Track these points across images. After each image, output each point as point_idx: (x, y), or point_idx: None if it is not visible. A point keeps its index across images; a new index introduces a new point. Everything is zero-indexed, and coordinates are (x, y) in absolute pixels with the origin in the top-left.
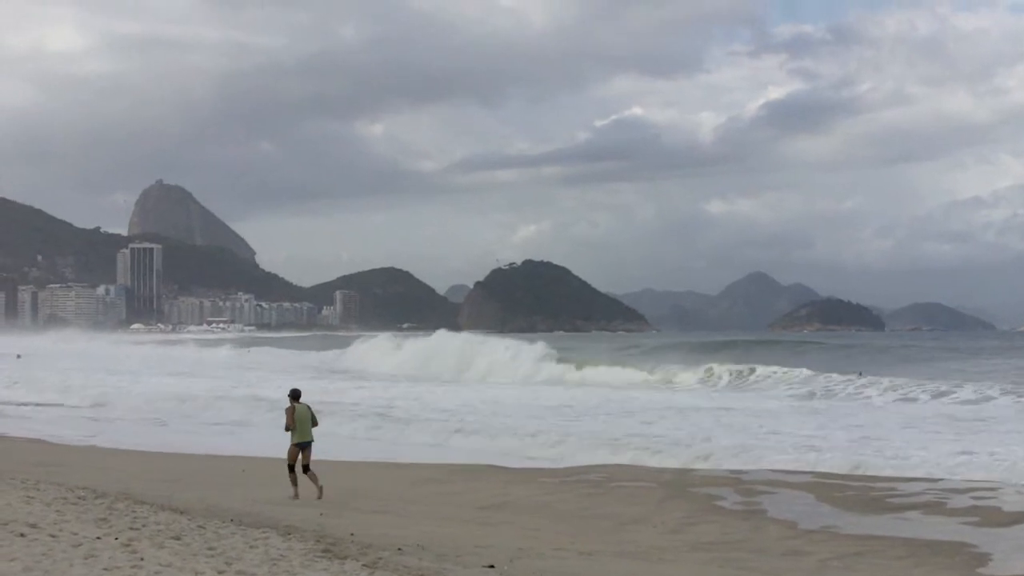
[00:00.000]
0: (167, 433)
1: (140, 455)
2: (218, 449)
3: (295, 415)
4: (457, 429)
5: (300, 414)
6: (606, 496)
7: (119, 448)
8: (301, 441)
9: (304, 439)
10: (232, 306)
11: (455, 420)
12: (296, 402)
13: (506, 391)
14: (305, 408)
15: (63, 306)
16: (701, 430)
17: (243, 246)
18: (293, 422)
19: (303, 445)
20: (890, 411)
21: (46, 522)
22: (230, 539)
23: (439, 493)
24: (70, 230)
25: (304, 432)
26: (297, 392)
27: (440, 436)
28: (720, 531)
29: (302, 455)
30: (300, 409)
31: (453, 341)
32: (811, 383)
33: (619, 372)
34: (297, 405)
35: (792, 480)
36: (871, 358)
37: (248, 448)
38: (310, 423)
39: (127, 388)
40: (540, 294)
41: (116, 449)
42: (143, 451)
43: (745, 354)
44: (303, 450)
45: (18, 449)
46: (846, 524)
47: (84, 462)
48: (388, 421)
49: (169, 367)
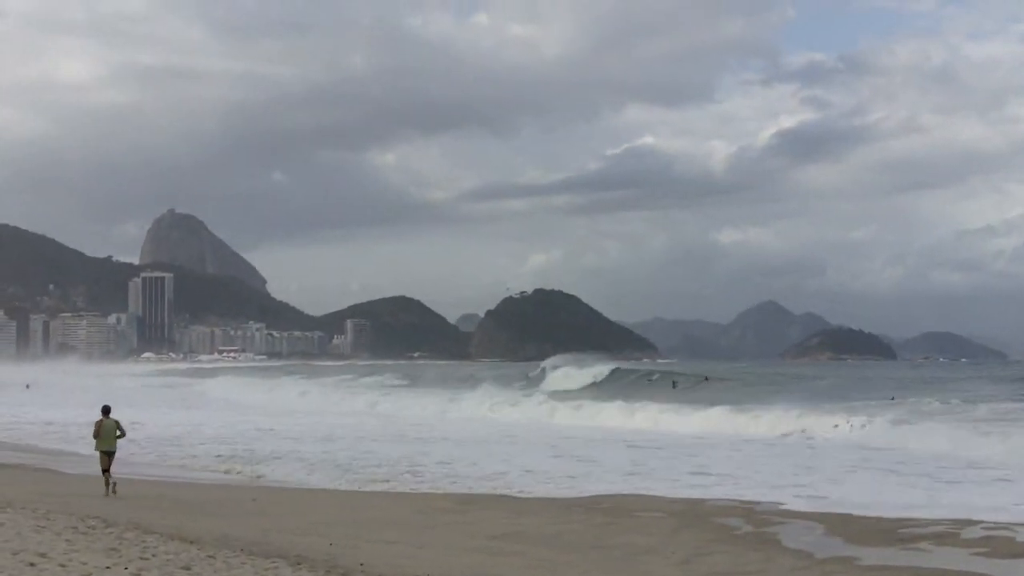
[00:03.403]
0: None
1: (151, 484)
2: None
3: (102, 427)
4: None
5: (106, 427)
6: (617, 526)
7: (130, 477)
8: (106, 449)
9: (108, 447)
10: (243, 335)
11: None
12: (105, 417)
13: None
14: (112, 422)
15: (74, 335)
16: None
17: (254, 275)
18: (99, 432)
19: (107, 452)
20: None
21: (56, 552)
22: (240, 569)
23: (450, 522)
24: (82, 259)
25: (109, 442)
26: (107, 408)
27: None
28: (732, 561)
29: (107, 460)
30: (107, 423)
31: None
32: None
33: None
34: (105, 420)
35: (804, 510)
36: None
37: None
38: (115, 434)
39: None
40: (550, 323)
41: (127, 478)
42: (154, 480)
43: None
44: (108, 456)
45: (29, 478)
46: (858, 555)
47: (94, 491)
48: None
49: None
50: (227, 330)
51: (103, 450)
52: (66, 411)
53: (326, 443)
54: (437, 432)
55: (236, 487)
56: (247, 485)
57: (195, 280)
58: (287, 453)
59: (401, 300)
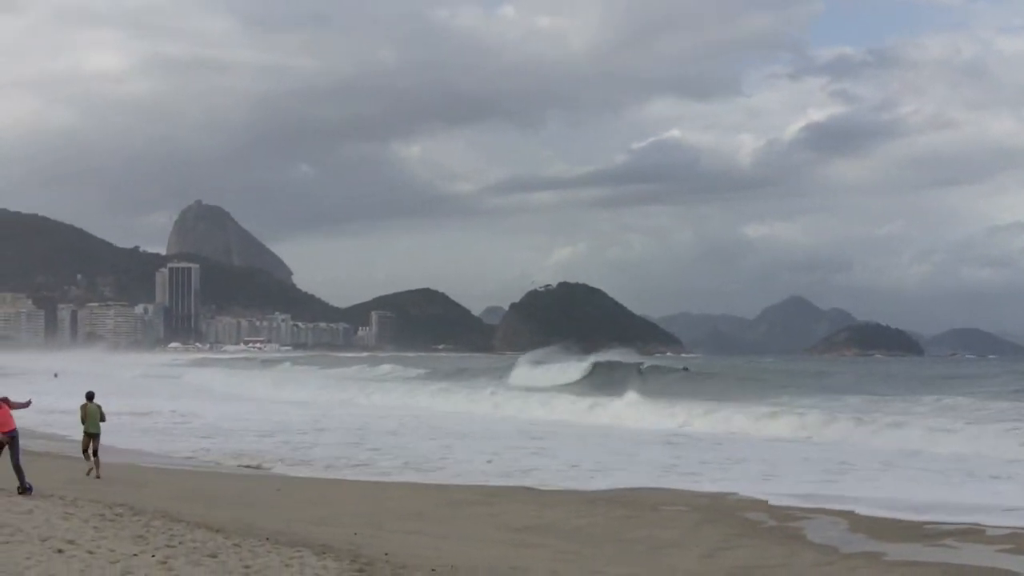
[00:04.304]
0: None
1: (177, 473)
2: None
3: (87, 412)
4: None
5: (91, 411)
6: (641, 519)
7: (156, 467)
8: (90, 431)
9: (93, 430)
10: (269, 326)
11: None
12: (89, 402)
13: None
14: (96, 407)
15: (102, 324)
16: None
17: (280, 267)
18: (85, 417)
19: (92, 435)
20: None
21: (84, 539)
22: (265, 558)
23: (474, 514)
24: (109, 249)
25: (93, 425)
26: (91, 394)
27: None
28: (756, 556)
29: (92, 442)
30: (91, 408)
31: None
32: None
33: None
34: (89, 404)
35: (828, 506)
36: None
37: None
38: (98, 418)
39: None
40: (575, 316)
41: (154, 467)
42: (181, 470)
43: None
44: (92, 438)
45: (56, 466)
46: (883, 550)
47: (122, 480)
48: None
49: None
50: (253, 321)
51: (88, 432)
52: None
53: (322, 434)
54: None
55: (260, 477)
56: (271, 475)
57: (221, 271)
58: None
59: (426, 292)
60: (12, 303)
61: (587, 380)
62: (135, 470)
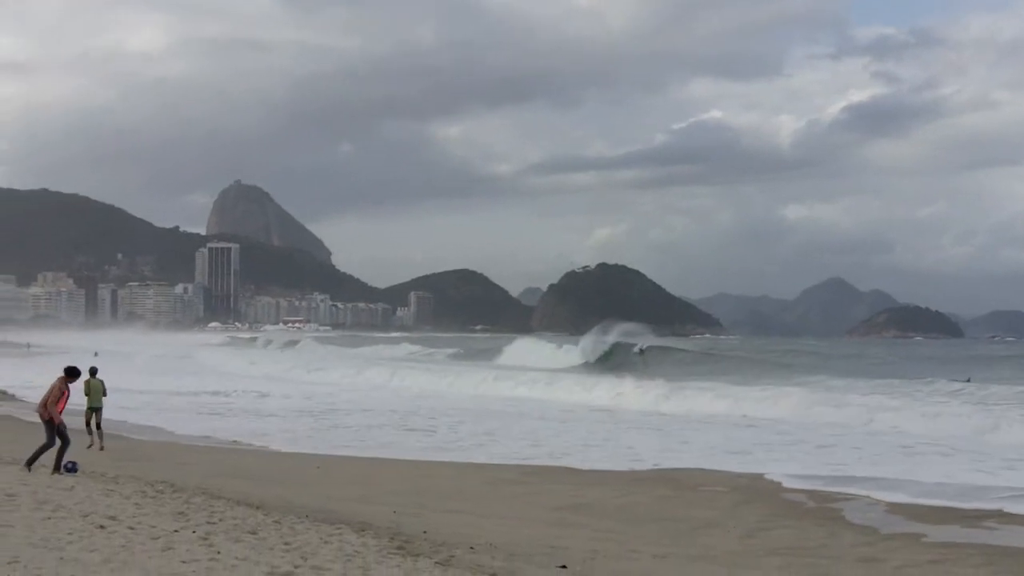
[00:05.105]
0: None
1: (217, 451)
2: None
3: (90, 387)
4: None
5: (93, 386)
6: (680, 499)
7: (197, 445)
8: (93, 406)
9: (96, 404)
10: (308, 306)
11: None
12: (92, 378)
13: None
14: (98, 382)
15: (142, 304)
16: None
17: (319, 247)
18: (89, 391)
19: (95, 409)
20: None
21: (125, 515)
22: (305, 535)
23: (513, 494)
24: (150, 229)
25: (95, 400)
26: (94, 369)
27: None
28: (795, 536)
29: (95, 416)
30: (94, 383)
31: None
32: None
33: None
34: (92, 380)
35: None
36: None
37: (322, 447)
38: (101, 394)
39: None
40: (613, 297)
41: (194, 445)
42: (220, 448)
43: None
44: (95, 412)
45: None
46: (923, 532)
47: (162, 457)
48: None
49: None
50: (292, 301)
51: (91, 406)
52: (132, 378)
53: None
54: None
55: (299, 455)
56: (311, 454)
57: (261, 251)
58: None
59: (465, 273)
60: (53, 283)
61: (597, 363)
62: (174, 448)
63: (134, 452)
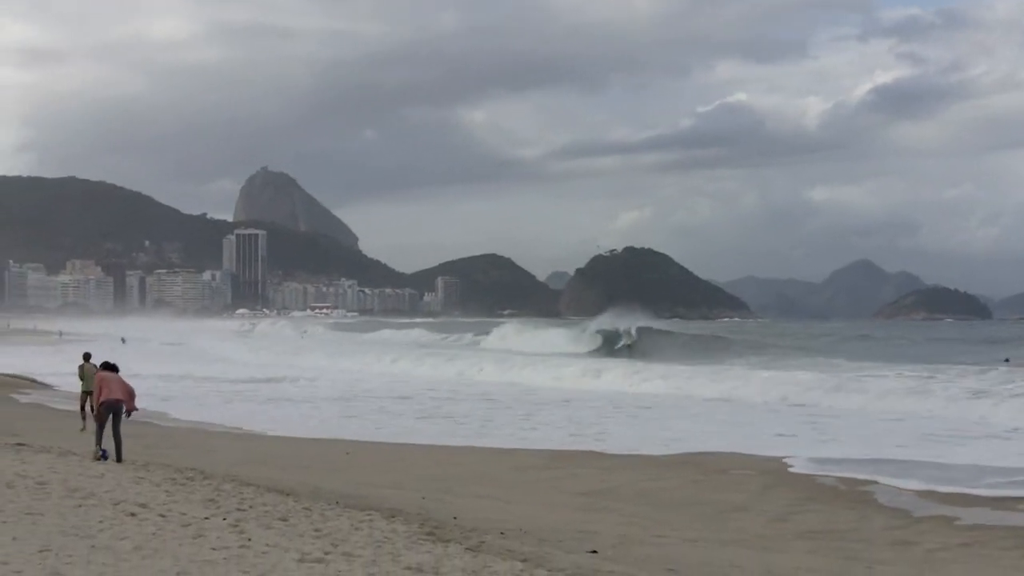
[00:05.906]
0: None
1: (246, 437)
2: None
3: (85, 371)
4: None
5: (88, 371)
6: (708, 483)
7: (226, 431)
8: (88, 390)
9: (90, 388)
10: (335, 292)
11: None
12: (87, 363)
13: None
14: (93, 367)
15: (170, 291)
16: None
17: (346, 232)
18: (83, 375)
19: (90, 393)
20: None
21: (156, 502)
22: (335, 521)
23: (541, 479)
24: (177, 216)
25: (89, 384)
26: (88, 355)
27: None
28: (825, 520)
29: (90, 400)
30: (88, 367)
31: None
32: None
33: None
34: (86, 364)
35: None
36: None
37: (350, 432)
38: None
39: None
40: (640, 281)
41: (223, 432)
42: (249, 433)
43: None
44: (90, 396)
45: (125, 431)
46: (955, 514)
47: (192, 444)
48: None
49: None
50: (319, 287)
51: (86, 390)
52: (160, 365)
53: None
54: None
55: (328, 442)
56: (340, 440)
57: (287, 237)
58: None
59: (491, 257)
60: (82, 270)
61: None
62: (203, 435)
63: (164, 439)
